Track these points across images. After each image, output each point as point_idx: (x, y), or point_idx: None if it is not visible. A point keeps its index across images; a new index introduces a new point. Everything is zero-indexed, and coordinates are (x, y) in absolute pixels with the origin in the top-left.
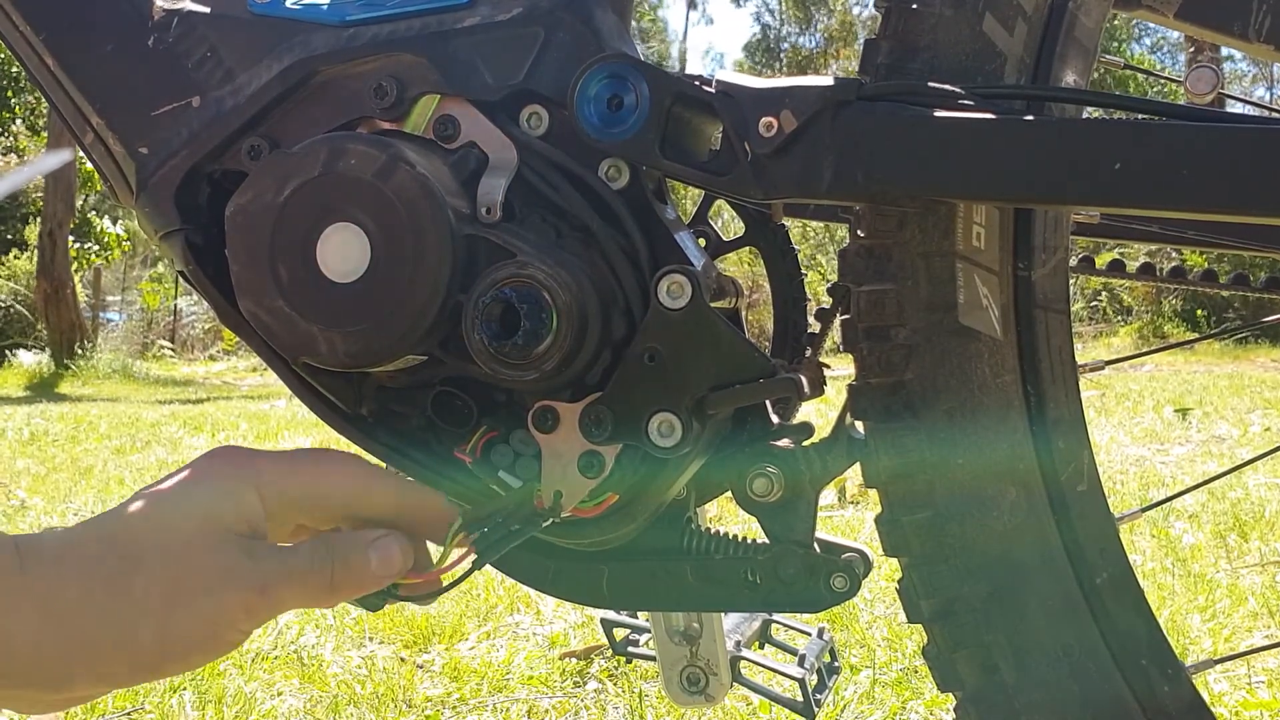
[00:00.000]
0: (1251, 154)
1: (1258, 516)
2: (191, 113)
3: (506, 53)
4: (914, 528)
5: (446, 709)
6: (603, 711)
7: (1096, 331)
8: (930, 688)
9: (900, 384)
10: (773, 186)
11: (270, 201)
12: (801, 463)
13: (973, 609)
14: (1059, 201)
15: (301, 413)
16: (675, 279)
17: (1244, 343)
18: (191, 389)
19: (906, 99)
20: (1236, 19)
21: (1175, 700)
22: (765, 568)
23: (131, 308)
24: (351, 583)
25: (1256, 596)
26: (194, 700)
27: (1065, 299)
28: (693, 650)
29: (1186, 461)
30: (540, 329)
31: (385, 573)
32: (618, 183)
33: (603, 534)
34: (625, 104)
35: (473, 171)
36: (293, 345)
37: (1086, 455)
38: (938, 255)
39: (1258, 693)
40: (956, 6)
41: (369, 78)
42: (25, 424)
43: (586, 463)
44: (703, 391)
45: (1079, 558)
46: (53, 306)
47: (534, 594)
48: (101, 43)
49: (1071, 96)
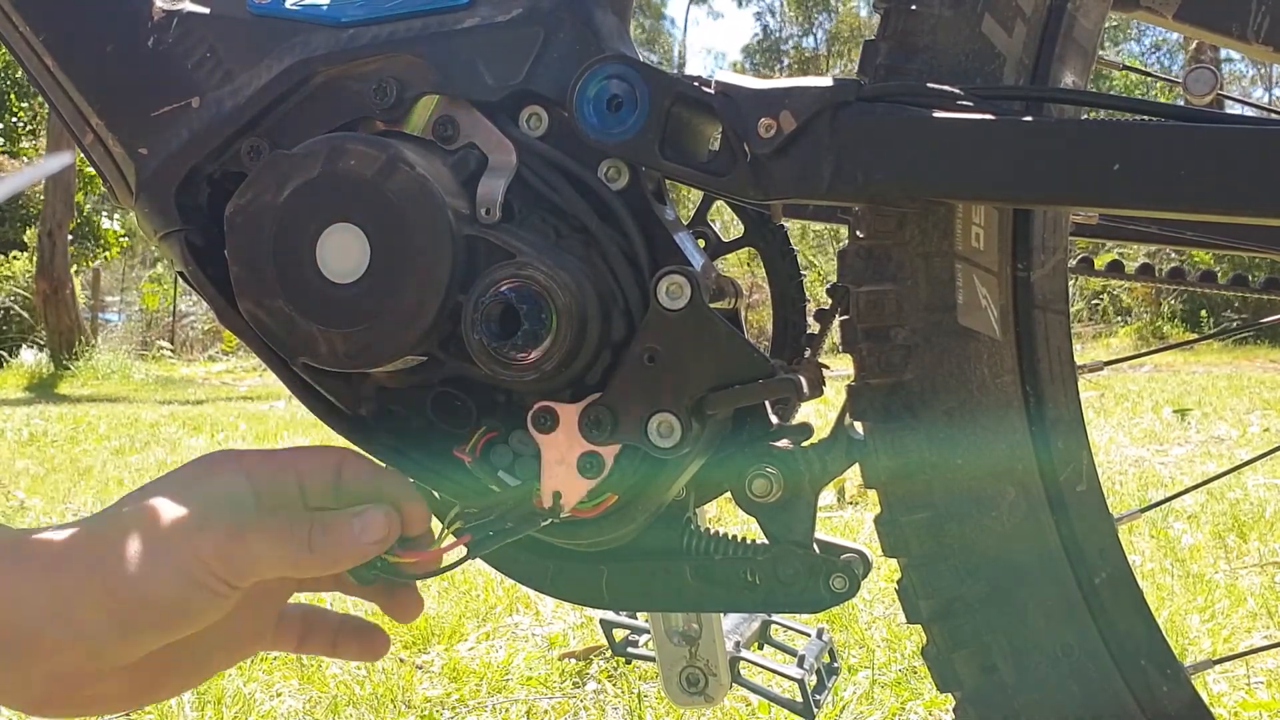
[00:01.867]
0: (1250, 155)
1: (1257, 517)
2: (191, 113)
3: (506, 53)
4: (913, 528)
5: (445, 710)
6: (602, 712)
7: (1096, 332)
8: (929, 688)
9: (899, 384)
10: (772, 187)
11: (270, 202)
12: (801, 463)
13: (972, 609)
14: (1058, 202)
15: (301, 413)
16: (674, 279)
17: (1243, 343)
18: (191, 390)
19: (905, 100)
20: (1235, 20)
21: (1174, 700)
22: (765, 568)
23: (131, 308)
24: (331, 545)
25: (1255, 597)
26: (193, 701)
27: (1064, 299)
28: (692, 651)
29: (1185, 462)
30: (540, 329)
31: (367, 539)
32: (617, 183)
33: (602, 534)
34: (625, 104)
35: (472, 172)
36: (292, 346)
37: (1085, 456)
38: (937, 256)
39: (1257, 693)
40: (955, 7)
41: (369, 78)
42: (24, 424)
43: (586, 463)
44: (702, 392)
45: (1078, 558)
46: (52, 307)
47: (533, 595)
48: (101, 43)
49: (1070, 97)
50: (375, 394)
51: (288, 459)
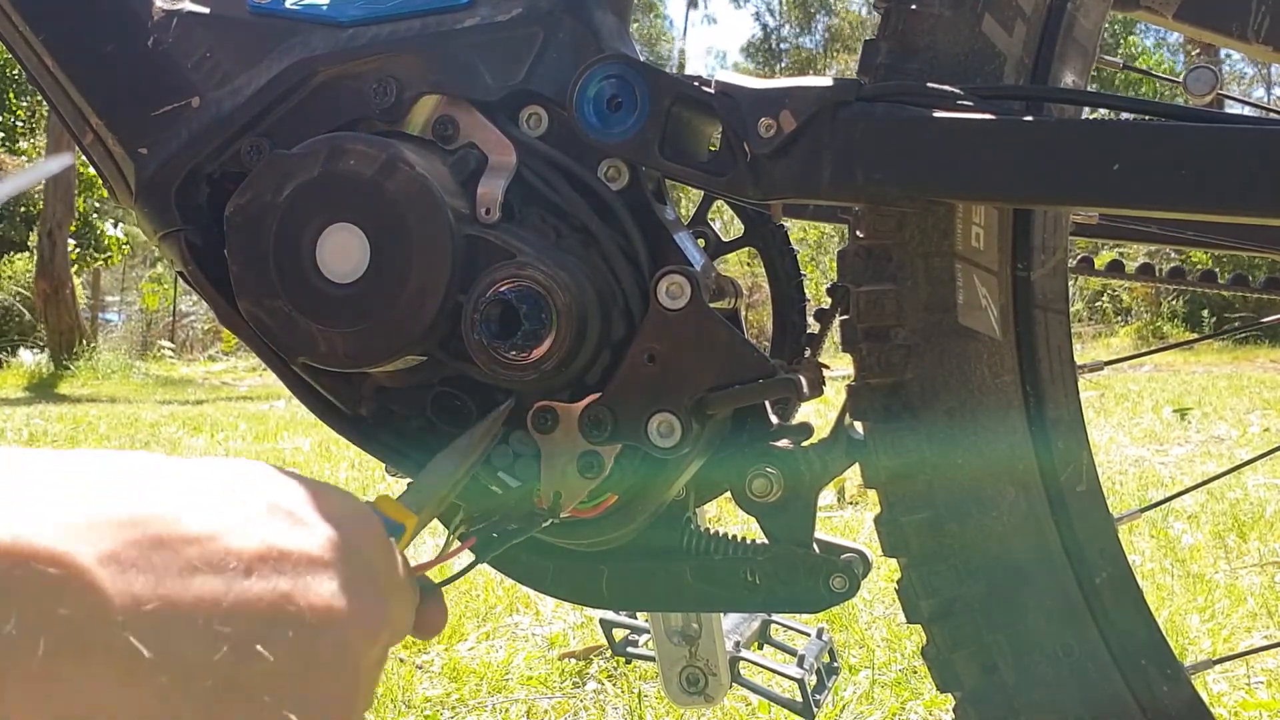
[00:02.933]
0: (1250, 154)
1: (1257, 517)
2: (191, 113)
3: (506, 53)
4: (913, 528)
5: (445, 709)
6: (602, 712)
7: (1096, 332)
8: (929, 688)
9: (899, 384)
10: (772, 187)
11: (270, 202)
12: (801, 463)
13: (972, 609)
14: (1058, 202)
15: (301, 413)
16: (674, 279)
17: (1243, 343)
18: (191, 390)
19: (905, 100)
20: (1235, 19)
21: (1174, 700)
22: (765, 568)
23: (131, 308)
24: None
25: (1255, 597)
26: None
27: (1064, 299)
28: (692, 650)
29: (1185, 462)
30: (540, 329)
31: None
32: (617, 183)
33: (602, 534)
34: (625, 104)
35: (472, 172)
36: (292, 345)
37: (1085, 455)
38: (937, 255)
39: (1256, 693)
40: (956, 7)
41: (369, 78)
42: (24, 424)
43: (586, 463)
44: (702, 392)
45: (1078, 558)
46: (52, 307)
47: (533, 594)
48: (101, 43)
49: (1070, 97)
50: (375, 394)
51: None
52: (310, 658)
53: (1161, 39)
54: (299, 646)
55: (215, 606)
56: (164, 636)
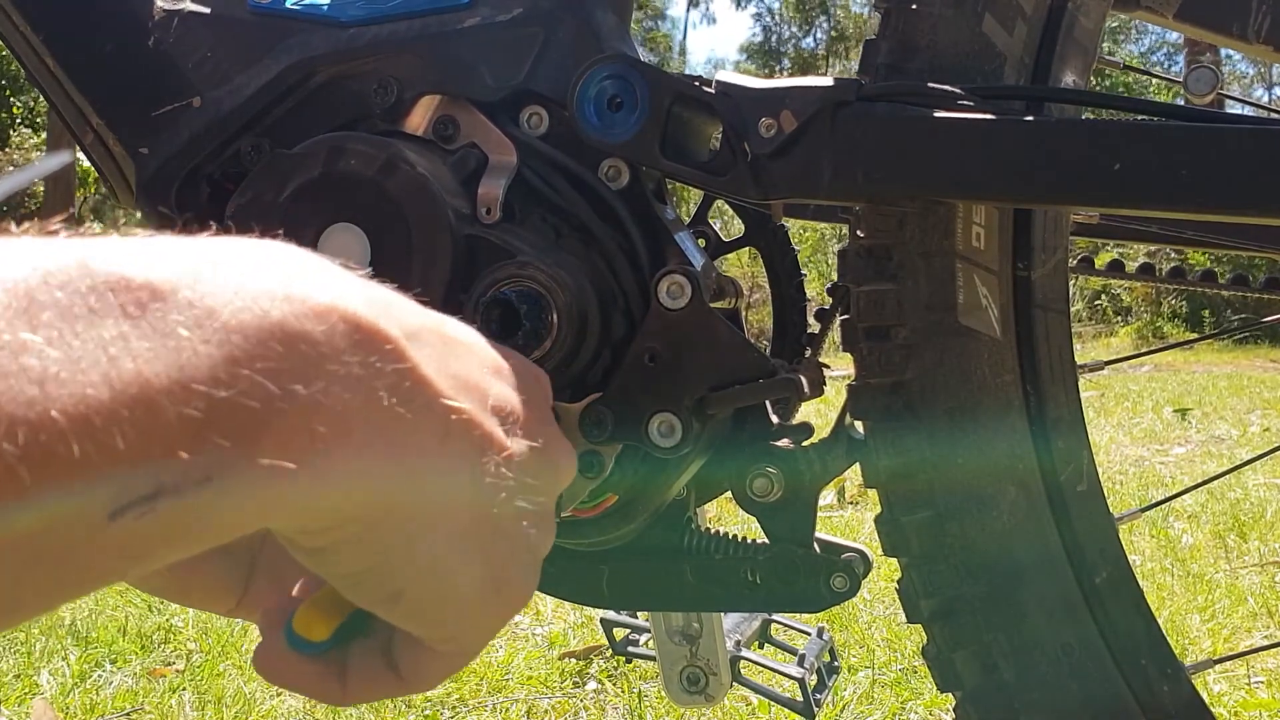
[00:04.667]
0: (1251, 154)
1: (1257, 517)
2: (192, 113)
3: (507, 53)
4: (913, 527)
5: (446, 709)
6: (602, 711)
7: (1096, 332)
8: (929, 688)
9: (900, 384)
10: (772, 187)
11: (270, 201)
12: (801, 463)
13: (972, 609)
14: (1058, 202)
15: None
16: (675, 279)
17: (1243, 343)
18: None
19: (906, 99)
20: (1235, 20)
21: (1174, 700)
22: (765, 568)
23: None
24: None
25: (1255, 596)
26: (194, 700)
27: (1065, 299)
28: (692, 650)
29: (1186, 462)
30: (540, 329)
31: None
32: (617, 183)
33: (602, 534)
34: (625, 104)
35: (472, 172)
36: None
37: (1086, 455)
38: (937, 255)
39: (1257, 693)
40: (956, 7)
41: (369, 78)
42: None
43: (586, 463)
44: (702, 392)
45: (1078, 557)
46: None
47: (534, 594)
48: (101, 43)
49: (1070, 97)
50: None
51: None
52: (552, 489)
53: (1162, 39)
54: (548, 477)
55: (499, 409)
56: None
